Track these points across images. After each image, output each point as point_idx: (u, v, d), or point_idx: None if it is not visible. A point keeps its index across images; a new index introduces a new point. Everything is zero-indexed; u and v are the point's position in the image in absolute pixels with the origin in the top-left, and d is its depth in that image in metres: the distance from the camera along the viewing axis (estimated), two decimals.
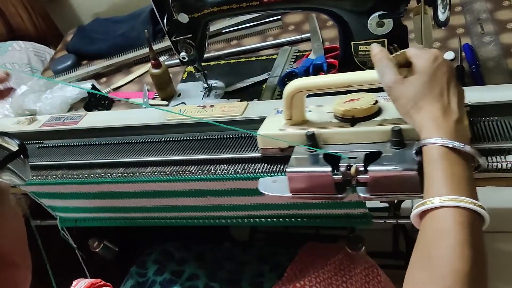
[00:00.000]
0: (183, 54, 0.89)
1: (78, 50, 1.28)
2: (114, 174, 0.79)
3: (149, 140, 0.84)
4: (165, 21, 0.85)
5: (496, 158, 0.62)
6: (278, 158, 0.70)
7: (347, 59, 0.83)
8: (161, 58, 1.14)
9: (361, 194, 0.61)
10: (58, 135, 0.92)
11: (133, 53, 1.17)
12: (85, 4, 1.64)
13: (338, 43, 0.86)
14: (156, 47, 1.15)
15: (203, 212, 0.82)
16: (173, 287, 0.95)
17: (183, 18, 0.84)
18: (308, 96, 0.68)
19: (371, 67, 0.81)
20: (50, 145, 0.91)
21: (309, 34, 1.06)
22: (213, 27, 1.14)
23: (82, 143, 0.88)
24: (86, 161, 0.83)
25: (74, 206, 0.89)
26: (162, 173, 0.76)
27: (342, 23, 0.79)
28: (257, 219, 0.80)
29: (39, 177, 0.84)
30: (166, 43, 1.15)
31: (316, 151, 0.64)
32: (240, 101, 0.93)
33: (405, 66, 0.59)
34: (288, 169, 0.64)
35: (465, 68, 0.85)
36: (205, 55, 0.97)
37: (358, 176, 0.60)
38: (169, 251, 1.06)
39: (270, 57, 1.05)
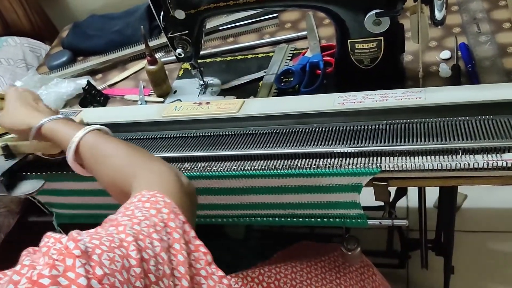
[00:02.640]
0: (179, 50, 0.89)
1: (74, 46, 1.28)
2: None
3: (145, 137, 0.83)
4: (161, 17, 0.85)
5: (492, 157, 0.62)
6: None
7: (344, 57, 0.83)
8: (157, 55, 1.13)
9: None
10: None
11: (129, 50, 1.17)
12: (81, 0, 1.63)
13: (335, 41, 0.86)
14: (152, 43, 1.15)
15: (200, 211, 0.82)
16: None
17: (180, 14, 0.84)
18: None
19: (368, 65, 0.81)
20: None
21: (305, 32, 1.06)
22: (210, 24, 1.14)
23: None
24: None
25: (70, 203, 0.89)
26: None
27: (339, 21, 0.79)
28: (253, 218, 0.80)
29: (34, 173, 0.83)
30: (162, 39, 1.15)
31: None
32: (236, 98, 0.93)
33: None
34: None
35: (461, 67, 0.85)
36: (202, 52, 0.97)
37: None
38: None
39: (267, 54, 1.05)
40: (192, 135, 0.81)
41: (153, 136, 0.83)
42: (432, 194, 1.29)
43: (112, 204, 0.87)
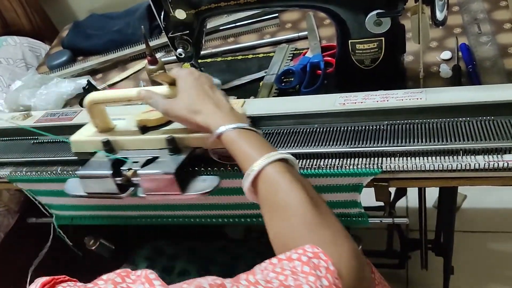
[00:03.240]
0: (180, 50, 0.89)
1: (74, 46, 1.28)
2: None
3: None
4: (162, 17, 0.85)
5: (492, 158, 0.62)
6: None
7: (345, 57, 0.83)
8: (158, 55, 1.13)
9: (140, 194, 0.70)
10: (53, 131, 0.91)
11: (129, 49, 1.17)
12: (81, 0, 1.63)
13: (335, 41, 0.86)
14: (152, 43, 1.15)
15: (199, 211, 0.82)
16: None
17: (181, 14, 0.84)
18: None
19: (369, 65, 0.81)
20: (44, 141, 0.90)
21: (306, 32, 1.06)
22: (210, 24, 1.14)
23: None
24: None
25: (70, 204, 0.89)
26: None
27: (340, 22, 0.79)
28: (254, 219, 0.80)
29: (34, 173, 0.83)
30: (163, 39, 1.15)
31: (113, 155, 0.73)
32: (237, 98, 0.93)
33: (174, 84, 0.69)
34: (78, 172, 0.72)
35: (462, 68, 0.85)
36: (202, 52, 0.97)
37: (133, 178, 0.69)
38: (160, 247, 1.05)
39: (267, 54, 1.05)
40: None
41: None
42: (432, 194, 1.29)
43: (112, 205, 0.87)
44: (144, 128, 0.75)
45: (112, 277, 0.45)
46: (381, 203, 0.86)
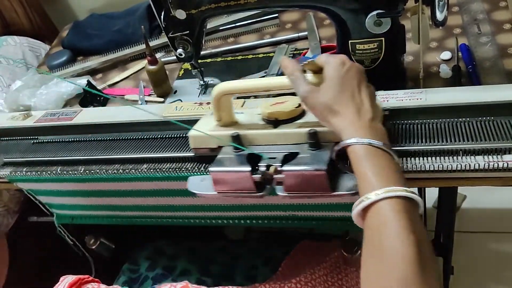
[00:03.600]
0: (179, 50, 0.89)
1: (74, 46, 1.28)
2: (109, 171, 0.79)
3: (145, 137, 0.83)
4: (162, 17, 0.85)
5: (492, 158, 0.62)
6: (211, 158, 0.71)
7: None
8: (158, 55, 1.13)
9: (279, 193, 0.64)
10: (53, 131, 0.92)
11: (129, 49, 1.17)
12: None
13: (335, 41, 0.86)
14: (152, 43, 1.15)
15: (200, 212, 0.82)
16: (165, 282, 0.95)
17: (181, 14, 0.84)
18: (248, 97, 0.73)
19: (369, 66, 0.81)
20: (44, 140, 0.90)
21: (306, 33, 1.06)
22: (210, 24, 1.14)
23: (77, 139, 0.88)
24: (81, 157, 0.82)
25: (71, 204, 0.89)
26: (158, 170, 0.76)
27: (340, 22, 0.79)
28: (253, 220, 0.80)
29: (34, 173, 0.83)
30: (163, 39, 1.15)
31: (242, 150, 0.67)
32: (237, 98, 0.92)
33: (319, 72, 0.62)
34: (211, 168, 0.67)
35: (462, 68, 0.85)
36: (202, 52, 0.97)
37: (275, 176, 0.63)
38: (161, 248, 1.06)
39: (267, 55, 1.05)
40: None
41: (153, 136, 0.83)
42: (432, 194, 1.29)
43: (112, 205, 0.87)
44: (276, 122, 0.69)
45: None
46: None
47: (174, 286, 0.44)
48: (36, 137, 0.91)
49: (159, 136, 0.83)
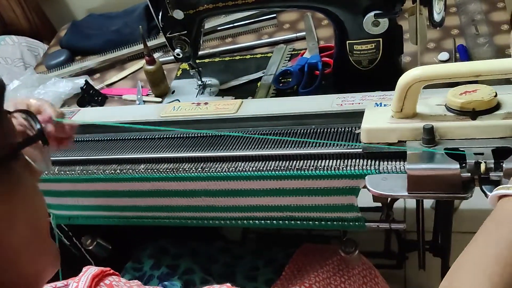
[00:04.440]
0: (177, 50, 0.89)
1: (72, 46, 1.27)
2: (107, 171, 0.78)
3: (142, 137, 0.83)
4: (160, 17, 0.85)
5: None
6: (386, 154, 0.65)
7: (342, 58, 0.83)
8: (155, 55, 1.13)
9: (489, 193, 0.54)
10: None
11: (127, 49, 1.17)
12: None
13: (333, 42, 0.86)
14: (150, 43, 1.15)
15: (197, 213, 0.82)
16: (172, 280, 0.95)
17: (178, 14, 0.84)
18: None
19: (366, 66, 0.81)
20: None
21: (304, 33, 1.06)
22: (208, 24, 1.13)
23: (75, 139, 0.87)
24: (78, 158, 0.82)
25: (68, 204, 0.89)
26: (155, 170, 0.76)
27: (338, 22, 0.79)
28: (251, 221, 0.80)
29: None
30: (161, 39, 1.15)
31: (433, 146, 0.59)
32: (235, 98, 0.92)
33: None
34: (408, 166, 0.59)
35: None
36: (200, 52, 0.96)
37: (490, 174, 0.55)
38: (164, 247, 1.06)
39: (265, 55, 1.05)
40: (190, 135, 0.81)
41: (151, 136, 0.83)
42: None
43: (110, 206, 0.87)
44: (473, 113, 0.61)
45: None
46: (379, 204, 0.86)
47: None
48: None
49: (156, 137, 0.82)
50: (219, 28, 1.15)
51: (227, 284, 0.46)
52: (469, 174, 0.56)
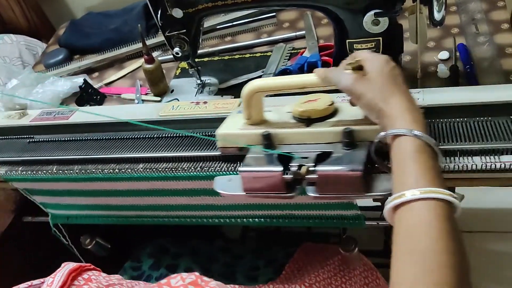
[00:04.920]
0: (176, 49, 0.88)
1: (70, 44, 1.27)
2: (105, 170, 0.78)
3: (141, 136, 0.83)
4: (159, 16, 0.85)
5: (490, 158, 0.62)
6: (239, 157, 0.70)
7: (342, 57, 0.82)
8: (154, 54, 1.13)
9: (310, 194, 0.62)
10: (49, 130, 0.91)
11: (126, 48, 1.16)
12: None
13: (333, 41, 0.86)
14: (149, 42, 1.14)
15: (197, 211, 0.82)
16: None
17: (177, 13, 0.83)
18: (271, 96, 0.71)
19: None
20: (40, 140, 0.90)
21: (303, 32, 1.06)
22: (207, 23, 1.13)
23: (73, 138, 0.87)
24: (77, 157, 0.82)
25: (66, 203, 0.88)
26: (154, 169, 0.75)
27: (337, 21, 0.79)
28: (250, 219, 0.80)
29: (29, 172, 0.83)
30: (160, 38, 1.14)
31: (272, 150, 0.66)
32: (234, 98, 0.92)
33: (359, 68, 0.60)
34: (240, 168, 0.65)
35: (460, 68, 0.85)
36: (199, 51, 0.96)
37: (307, 176, 0.61)
38: (164, 246, 1.05)
39: (265, 54, 1.04)
40: (189, 135, 0.80)
41: (149, 136, 0.82)
42: None
43: (108, 205, 0.87)
44: (308, 120, 0.67)
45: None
46: (378, 203, 0.86)
47: (183, 278, 0.44)
48: (31, 136, 0.91)
49: (155, 136, 0.82)
50: (218, 27, 1.15)
51: (195, 273, 0.46)
52: (292, 176, 0.62)
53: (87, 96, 1.06)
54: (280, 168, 0.62)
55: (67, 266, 0.57)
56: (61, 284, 0.44)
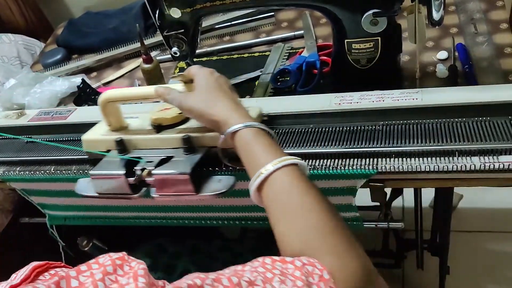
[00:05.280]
0: (175, 49, 0.88)
1: (69, 44, 1.27)
2: None
3: None
4: (157, 15, 0.84)
5: (488, 159, 0.62)
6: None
7: (341, 57, 0.82)
8: (153, 53, 1.13)
9: (152, 194, 0.68)
10: (47, 130, 0.91)
11: (124, 48, 1.16)
12: None
13: (331, 40, 0.86)
14: (147, 42, 1.14)
15: (195, 213, 0.82)
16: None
17: (176, 13, 0.83)
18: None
19: (365, 65, 0.81)
20: (38, 140, 0.89)
21: (302, 31, 1.05)
22: (206, 23, 1.13)
23: (71, 138, 0.87)
24: (74, 157, 0.81)
25: (63, 204, 0.88)
26: None
27: (336, 21, 0.79)
28: (249, 221, 0.80)
29: (27, 172, 0.82)
30: (158, 38, 1.14)
31: (126, 154, 0.71)
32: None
33: (190, 82, 0.69)
34: (91, 172, 0.70)
35: (458, 68, 0.84)
36: (197, 51, 0.96)
37: (147, 179, 0.67)
38: (162, 245, 1.05)
39: (263, 53, 1.04)
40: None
41: None
42: (428, 194, 1.29)
43: (106, 206, 0.86)
44: (159, 127, 0.74)
45: (107, 263, 0.44)
46: (377, 203, 0.86)
47: (110, 256, 0.45)
48: (29, 136, 0.90)
49: None
50: (216, 26, 1.14)
51: (123, 252, 0.47)
52: (135, 178, 0.68)
53: (85, 96, 1.05)
54: (123, 172, 0.68)
55: (33, 263, 0.58)
56: (23, 277, 0.45)
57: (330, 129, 0.73)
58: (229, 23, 1.14)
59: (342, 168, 0.66)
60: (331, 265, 0.46)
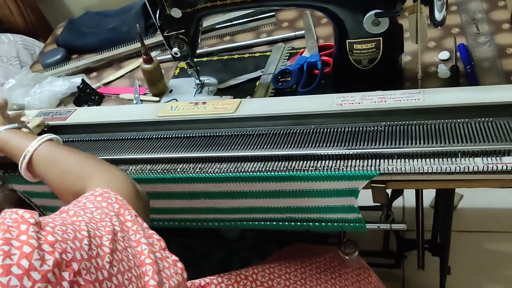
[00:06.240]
0: (175, 49, 0.88)
1: (68, 44, 1.26)
2: None
3: (139, 137, 0.82)
4: (157, 15, 0.84)
5: (491, 160, 0.61)
6: None
7: (342, 57, 0.82)
8: (153, 53, 1.12)
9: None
10: (47, 131, 0.91)
11: (124, 48, 1.16)
12: None
13: (332, 41, 0.86)
14: (148, 42, 1.14)
15: (197, 215, 0.81)
16: None
17: (176, 13, 0.83)
18: None
19: (366, 65, 0.81)
20: None
21: (303, 32, 1.05)
22: (206, 23, 1.12)
23: (71, 139, 0.87)
24: None
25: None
26: (152, 171, 0.75)
27: (337, 21, 0.78)
28: (250, 222, 0.79)
29: None
30: (158, 38, 1.14)
31: None
32: (233, 98, 0.92)
33: None
34: None
35: (460, 69, 0.84)
36: (198, 51, 0.95)
37: None
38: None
39: (264, 54, 1.04)
40: (188, 135, 0.80)
41: (148, 137, 0.82)
42: (429, 194, 1.29)
43: None
44: None
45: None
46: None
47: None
48: None
49: (153, 137, 0.81)
50: (217, 26, 1.14)
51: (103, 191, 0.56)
52: None
53: (85, 96, 1.05)
54: None
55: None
56: None
57: (332, 130, 0.72)
58: (229, 23, 1.13)
59: (344, 169, 0.66)
60: (107, 183, 0.58)
